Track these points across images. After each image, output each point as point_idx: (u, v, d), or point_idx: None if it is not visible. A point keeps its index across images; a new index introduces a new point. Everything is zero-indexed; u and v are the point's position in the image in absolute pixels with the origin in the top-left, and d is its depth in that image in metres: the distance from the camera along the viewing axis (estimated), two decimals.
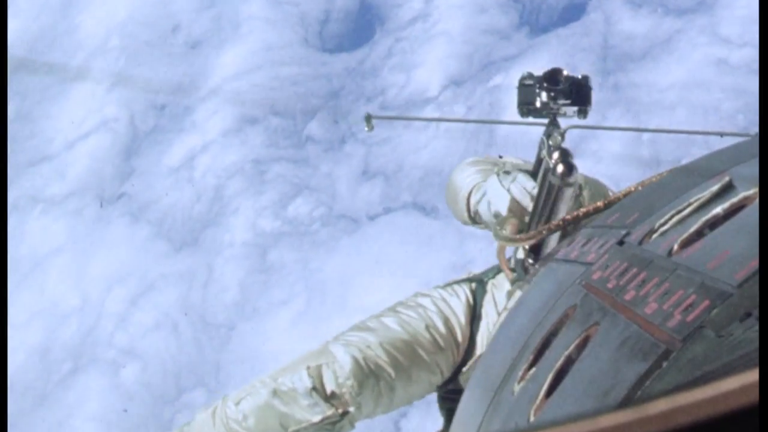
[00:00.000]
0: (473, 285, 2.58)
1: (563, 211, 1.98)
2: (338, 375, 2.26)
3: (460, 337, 2.47)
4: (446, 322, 2.48)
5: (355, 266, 8.18)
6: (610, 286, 1.26)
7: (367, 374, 2.30)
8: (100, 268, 8.68)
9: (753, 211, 1.16)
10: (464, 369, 2.46)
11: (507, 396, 1.32)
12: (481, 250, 8.17)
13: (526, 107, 2.28)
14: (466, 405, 1.66)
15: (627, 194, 1.75)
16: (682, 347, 0.96)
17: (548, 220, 2.01)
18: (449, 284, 2.59)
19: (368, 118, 2.28)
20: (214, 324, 8.21)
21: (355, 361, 2.30)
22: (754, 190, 1.20)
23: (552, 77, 2.25)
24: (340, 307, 8.02)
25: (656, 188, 1.67)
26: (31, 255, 8.94)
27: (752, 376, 0.64)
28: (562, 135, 2.15)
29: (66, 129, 9.58)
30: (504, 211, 2.17)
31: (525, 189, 2.20)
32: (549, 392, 1.17)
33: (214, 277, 8.42)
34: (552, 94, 2.22)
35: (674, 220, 1.31)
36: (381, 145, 8.77)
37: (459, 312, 2.50)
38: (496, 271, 2.56)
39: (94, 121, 9.54)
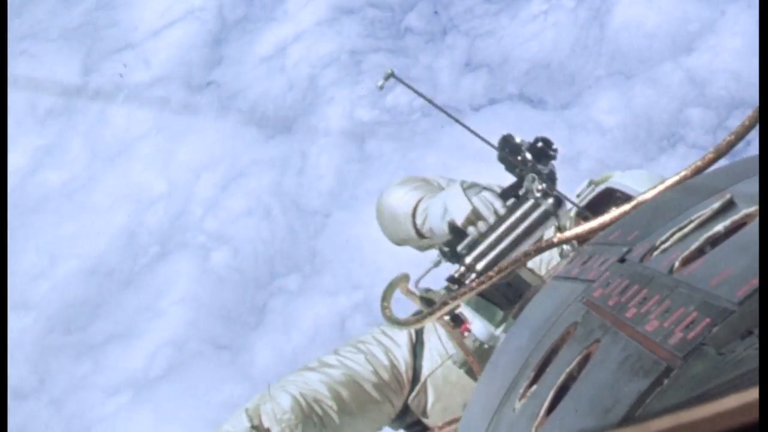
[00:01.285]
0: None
1: (535, 238, 1.95)
2: (276, 412, 2.31)
3: (403, 366, 2.50)
4: (387, 352, 2.51)
5: (457, 156, 7.94)
6: (611, 303, 1.26)
7: (306, 410, 2.34)
8: (188, 154, 8.51)
9: (754, 229, 1.16)
10: (411, 396, 2.49)
11: (508, 414, 1.33)
12: (592, 141, 7.95)
13: (505, 156, 2.24)
14: (466, 423, 1.71)
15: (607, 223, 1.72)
16: (683, 365, 0.96)
17: (519, 237, 1.97)
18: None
19: (387, 76, 2.17)
20: (309, 211, 8.01)
21: (293, 398, 2.35)
22: (755, 208, 1.20)
23: (547, 141, 2.23)
24: None
25: (657, 206, 1.68)
26: (115, 141, 8.79)
27: (752, 394, 0.64)
28: (534, 180, 2.13)
29: (150, 18, 9.42)
30: (460, 221, 2.10)
31: (491, 204, 2.13)
32: (550, 410, 1.18)
33: (308, 164, 8.22)
34: (538, 155, 2.19)
35: (675, 237, 1.31)
36: (485, 37, 8.52)
37: (400, 341, 2.52)
38: None
39: (180, 11, 9.37)
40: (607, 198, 2.55)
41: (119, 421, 7.47)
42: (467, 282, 2.03)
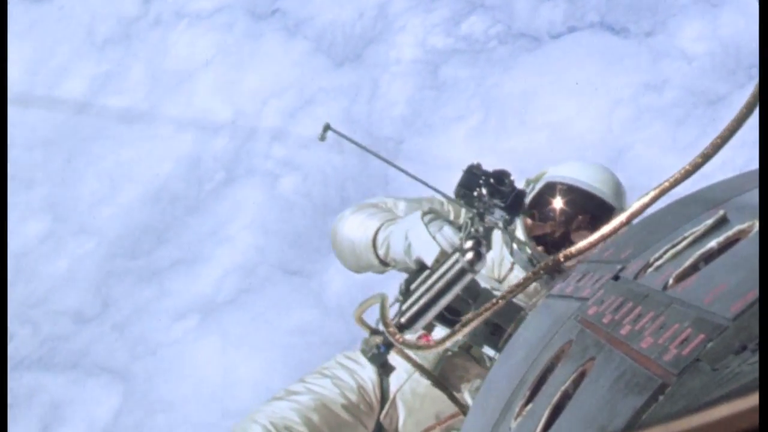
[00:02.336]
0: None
1: (455, 293, 2.02)
2: None
3: (370, 386, 2.55)
4: (353, 375, 2.55)
5: (535, 84, 7.79)
6: (605, 321, 1.27)
7: None
8: (253, 82, 8.38)
9: (747, 245, 1.17)
10: (382, 415, 2.54)
11: None
12: (677, 69, 7.78)
13: (463, 191, 2.38)
14: None
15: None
16: (677, 381, 0.97)
17: (439, 294, 2.04)
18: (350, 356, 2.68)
19: (326, 128, 2.27)
20: (381, 138, 7.87)
21: (264, 428, 2.40)
22: (748, 224, 1.21)
23: (498, 177, 2.35)
24: (519, 123, 7.65)
25: (650, 223, 1.68)
26: (177, 69, 8.67)
27: (745, 403, 0.66)
28: (485, 228, 2.23)
29: None
30: (430, 262, 2.15)
31: (452, 242, 2.19)
32: (546, 428, 1.19)
33: (380, 92, 8.08)
34: (491, 192, 2.30)
35: (669, 254, 1.32)
36: None
37: (364, 363, 2.56)
38: None
39: None
40: (551, 192, 2.58)
41: (186, 345, 7.36)
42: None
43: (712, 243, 1.24)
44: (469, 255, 1.99)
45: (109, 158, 8.33)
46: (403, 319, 2.07)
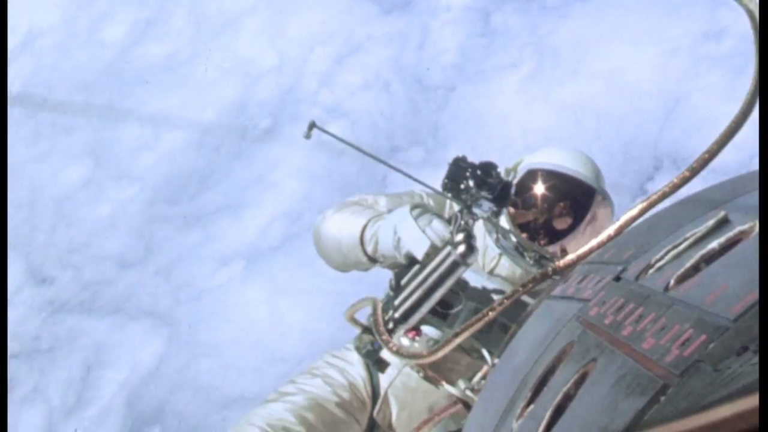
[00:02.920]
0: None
1: (448, 286, 2.01)
2: None
3: (361, 383, 2.58)
4: (342, 372, 2.59)
5: (590, 32, 7.66)
6: (607, 322, 1.28)
7: None
8: (299, 28, 8.27)
9: (748, 246, 1.17)
10: (375, 411, 2.57)
11: None
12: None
13: (450, 183, 2.35)
14: None
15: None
16: (679, 382, 0.97)
17: (433, 288, 2.03)
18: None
19: (311, 127, 2.27)
20: (431, 85, 7.76)
21: (262, 429, 2.42)
22: (749, 225, 1.21)
23: (485, 169, 2.34)
24: (573, 71, 7.52)
25: (652, 224, 1.67)
26: (220, 14, 8.57)
27: (745, 403, 0.67)
28: (474, 220, 2.22)
29: None
30: (421, 256, 2.15)
31: (442, 235, 2.17)
32: (547, 429, 1.19)
33: (429, 39, 7.96)
34: (479, 184, 2.30)
35: (670, 255, 1.33)
36: None
37: (353, 360, 2.60)
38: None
39: None
40: (532, 179, 2.59)
41: (231, 290, 7.31)
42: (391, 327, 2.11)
43: (714, 244, 1.24)
44: (461, 248, 1.98)
45: (151, 104, 8.26)
46: (396, 315, 2.07)
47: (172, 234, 7.64)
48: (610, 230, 1.64)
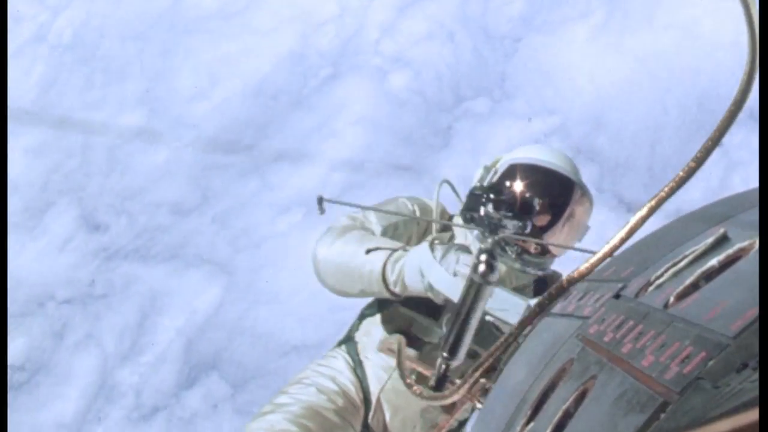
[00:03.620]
0: (342, 346, 2.73)
1: (480, 309, 1.99)
2: None
3: (353, 389, 2.59)
4: (333, 380, 2.60)
5: None
6: (606, 339, 1.29)
7: None
8: None
9: (748, 263, 1.19)
10: (370, 417, 2.58)
11: None
12: None
13: (470, 214, 2.44)
14: None
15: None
16: (679, 399, 0.98)
17: (467, 316, 2.01)
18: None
19: (320, 201, 2.24)
20: (497, 36, 7.64)
21: None
22: (749, 242, 1.23)
23: (496, 190, 2.42)
24: (645, 21, 7.39)
25: (651, 241, 1.71)
26: None
27: (751, 416, 0.70)
28: (494, 241, 2.24)
29: None
30: (456, 299, 2.09)
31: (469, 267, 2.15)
32: None
33: None
34: (497, 205, 2.36)
35: (670, 272, 1.34)
36: None
37: (340, 367, 2.62)
38: (359, 320, 2.73)
39: None
40: (512, 175, 2.61)
41: (291, 239, 7.23)
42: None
43: (713, 261, 1.25)
44: (481, 267, 1.93)
45: (206, 52, 8.18)
46: (444, 354, 2.05)
47: (230, 182, 7.56)
48: (622, 233, 1.60)
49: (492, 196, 2.36)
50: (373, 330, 2.64)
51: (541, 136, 7.18)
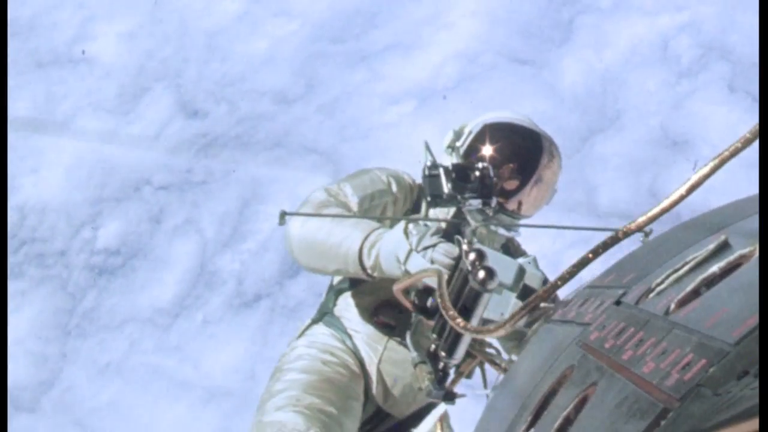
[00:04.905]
0: (320, 323, 2.66)
1: (480, 316, 1.89)
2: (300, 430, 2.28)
3: (349, 359, 2.54)
4: (332, 353, 2.54)
5: None
6: (607, 346, 1.31)
7: (319, 419, 2.34)
8: None
9: (749, 269, 1.20)
10: (374, 390, 2.55)
11: None
12: None
13: (435, 199, 2.31)
14: None
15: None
16: (679, 406, 0.99)
17: (466, 319, 1.88)
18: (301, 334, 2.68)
19: (282, 215, 2.16)
20: None
21: (301, 414, 2.32)
22: (749, 249, 1.25)
23: (462, 172, 2.32)
24: None
25: (652, 248, 1.71)
26: None
27: (751, 425, 0.73)
28: (474, 233, 2.16)
29: None
30: (434, 285, 2.00)
31: (450, 260, 2.04)
32: None
33: None
34: (460, 189, 2.28)
35: (671, 279, 1.35)
36: None
37: (331, 342, 2.57)
38: (334, 296, 2.64)
39: None
40: (483, 137, 2.62)
41: (401, 129, 7.05)
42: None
43: (714, 268, 1.26)
44: (480, 275, 1.81)
45: None
46: (442, 353, 1.98)
47: (336, 71, 7.38)
48: (682, 189, 1.47)
49: (454, 176, 2.30)
50: (356, 303, 2.61)
51: (670, 32, 6.94)
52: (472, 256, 1.84)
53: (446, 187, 2.30)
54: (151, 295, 6.96)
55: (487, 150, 2.59)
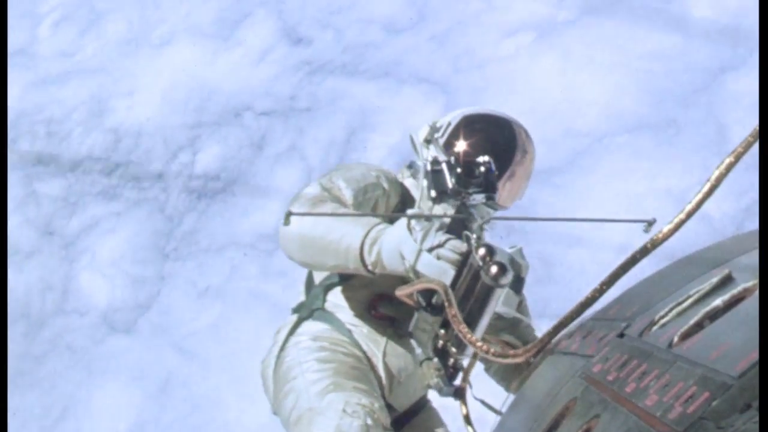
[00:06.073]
0: (314, 321, 2.56)
1: (492, 311, 1.90)
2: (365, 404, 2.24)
3: (358, 352, 2.51)
4: (344, 347, 2.50)
5: None
6: (610, 378, 1.34)
7: (373, 395, 2.35)
8: None
9: (752, 303, 1.21)
10: (382, 379, 2.51)
11: None
12: None
13: (440, 195, 2.30)
14: None
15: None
16: None
17: (478, 315, 1.91)
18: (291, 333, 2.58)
19: (288, 215, 2.06)
20: None
21: (358, 390, 2.30)
22: (753, 282, 1.26)
23: (468, 168, 2.31)
24: None
25: (656, 281, 1.70)
26: None
27: None
28: (481, 228, 2.14)
29: None
30: (448, 281, 1.98)
31: (458, 255, 2.00)
32: None
33: None
34: (465, 184, 2.28)
35: (674, 312, 1.37)
36: None
37: (335, 337, 2.52)
38: (323, 292, 2.57)
39: None
40: (462, 128, 2.61)
41: (519, 62, 6.92)
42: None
43: (717, 301, 1.26)
44: (493, 270, 1.83)
45: None
46: (453, 348, 2.00)
47: (450, 1, 7.25)
48: (706, 186, 1.45)
49: (459, 171, 2.30)
50: (349, 297, 2.56)
51: None
52: (482, 251, 1.85)
53: (450, 182, 2.29)
54: (254, 221, 6.86)
55: (467, 141, 2.59)
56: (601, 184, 6.41)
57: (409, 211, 2.19)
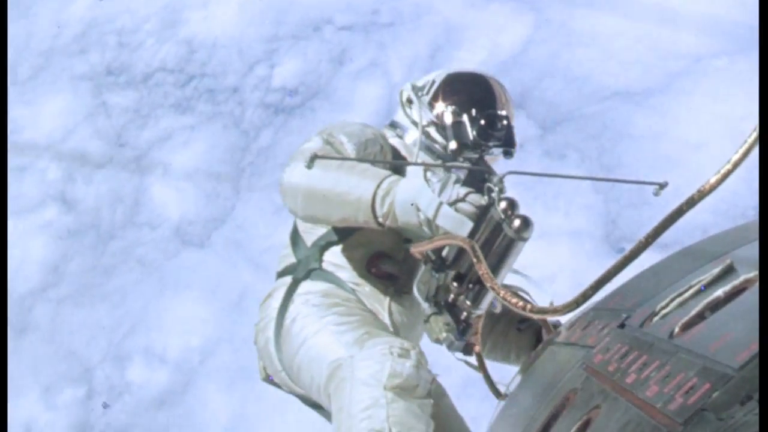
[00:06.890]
0: (313, 281, 2.50)
1: (511, 264, 1.93)
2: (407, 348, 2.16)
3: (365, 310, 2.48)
4: (360, 305, 2.46)
5: None
6: (611, 369, 1.35)
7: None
8: None
9: (754, 294, 1.22)
10: None
11: None
12: None
13: (461, 147, 2.33)
14: None
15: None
16: (683, 430, 1.02)
17: (495, 270, 1.88)
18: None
19: (312, 158, 2.01)
20: None
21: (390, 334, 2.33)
22: (755, 273, 1.26)
23: (491, 120, 2.32)
24: None
25: (657, 271, 1.72)
26: None
27: None
28: (502, 181, 2.03)
29: None
30: (465, 234, 1.95)
31: (476, 206, 1.97)
32: None
33: None
34: (486, 137, 2.30)
35: (675, 302, 1.38)
36: None
37: (344, 296, 2.47)
38: (318, 252, 2.52)
39: None
40: (448, 85, 2.58)
41: None
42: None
43: (719, 292, 1.27)
44: (516, 223, 1.84)
45: None
46: (468, 302, 2.01)
47: None
48: (728, 165, 1.34)
49: (483, 123, 2.31)
50: (348, 256, 2.52)
51: None
52: (503, 204, 1.86)
53: (472, 134, 2.31)
54: None
55: (456, 96, 2.56)
56: (699, 107, 6.23)
57: (428, 162, 2.24)
